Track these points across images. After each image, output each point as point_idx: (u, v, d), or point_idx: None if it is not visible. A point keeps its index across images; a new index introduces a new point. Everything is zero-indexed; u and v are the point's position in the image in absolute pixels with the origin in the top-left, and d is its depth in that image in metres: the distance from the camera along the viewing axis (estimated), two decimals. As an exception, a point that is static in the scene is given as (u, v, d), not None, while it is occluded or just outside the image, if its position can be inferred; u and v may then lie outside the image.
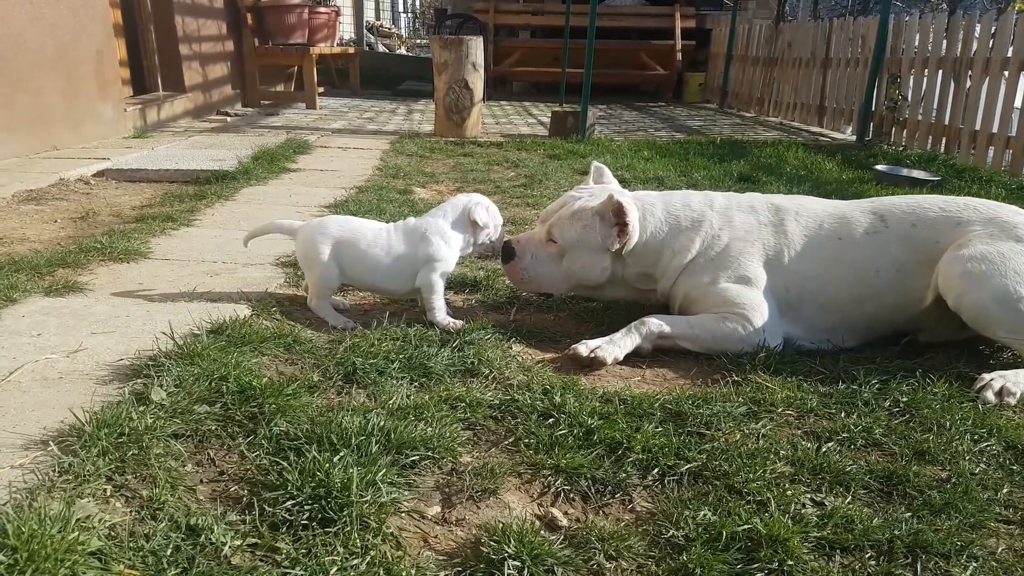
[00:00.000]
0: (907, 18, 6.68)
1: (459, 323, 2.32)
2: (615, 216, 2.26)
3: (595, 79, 6.78)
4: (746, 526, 1.35)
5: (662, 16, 11.36)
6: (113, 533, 1.27)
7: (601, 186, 2.52)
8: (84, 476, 1.39)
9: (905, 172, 5.10)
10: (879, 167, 5.21)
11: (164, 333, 2.04)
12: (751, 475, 1.53)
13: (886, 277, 2.21)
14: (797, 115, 8.48)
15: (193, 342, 1.96)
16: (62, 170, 4.41)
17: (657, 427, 1.72)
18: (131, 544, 1.24)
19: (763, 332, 2.16)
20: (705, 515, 1.40)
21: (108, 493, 1.37)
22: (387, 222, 2.48)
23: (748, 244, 2.27)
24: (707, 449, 1.63)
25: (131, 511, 1.34)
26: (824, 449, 1.65)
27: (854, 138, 7.05)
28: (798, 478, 1.55)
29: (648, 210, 2.35)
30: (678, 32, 11.15)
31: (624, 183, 4.67)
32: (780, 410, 1.84)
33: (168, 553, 1.22)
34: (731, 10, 10.21)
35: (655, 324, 2.19)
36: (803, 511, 1.43)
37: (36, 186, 4.08)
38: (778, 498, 1.45)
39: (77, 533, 1.20)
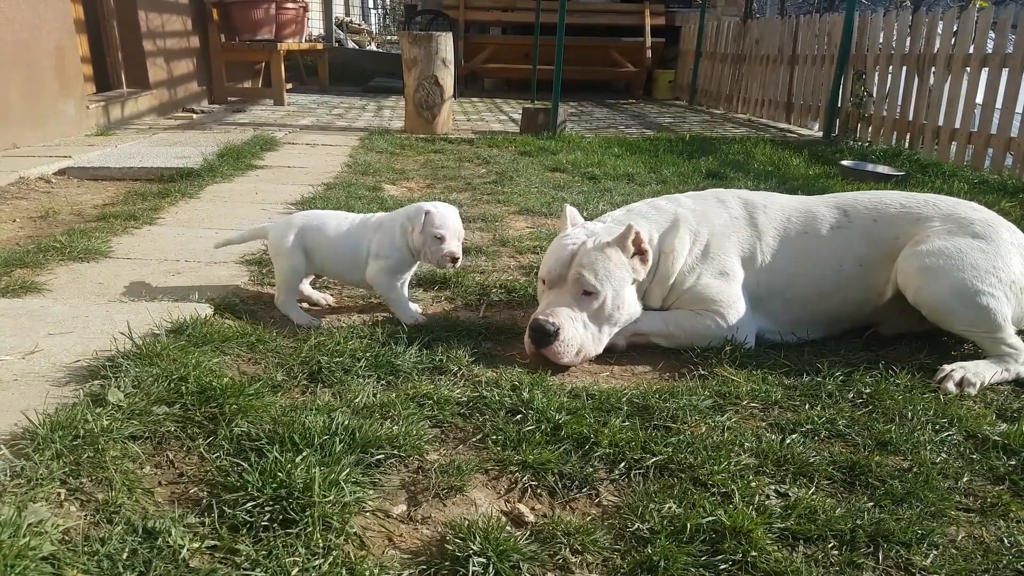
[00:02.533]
0: (872, 15, 6.79)
1: (422, 318, 2.32)
2: (635, 245, 2.14)
3: (566, 76, 6.79)
4: (710, 518, 1.36)
5: (632, 13, 11.41)
6: (67, 537, 1.24)
7: (581, 227, 2.29)
8: (37, 480, 1.35)
9: (870, 167, 5.19)
10: (845, 163, 5.29)
11: (123, 333, 1.99)
12: (716, 467, 1.53)
13: (849, 271, 2.24)
14: (765, 112, 8.58)
15: (152, 342, 1.92)
16: (22, 168, 4.29)
17: (624, 421, 1.72)
18: (85, 548, 1.21)
19: (737, 329, 2.17)
20: (670, 508, 1.40)
21: (62, 497, 1.34)
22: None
23: (725, 239, 2.27)
24: (673, 442, 1.64)
25: (86, 515, 1.31)
26: (788, 441, 1.67)
27: (821, 134, 7.15)
28: (762, 470, 1.56)
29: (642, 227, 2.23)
30: (648, 29, 11.20)
31: (595, 179, 4.70)
32: (745, 403, 1.86)
33: (124, 557, 1.19)
34: (700, 7, 10.29)
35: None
36: (767, 502, 1.44)
37: (-7, 185, 3.98)
38: (742, 490, 1.46)
39: (28, 538, 1.16)
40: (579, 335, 2.05)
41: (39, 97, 5.23)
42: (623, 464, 1.57)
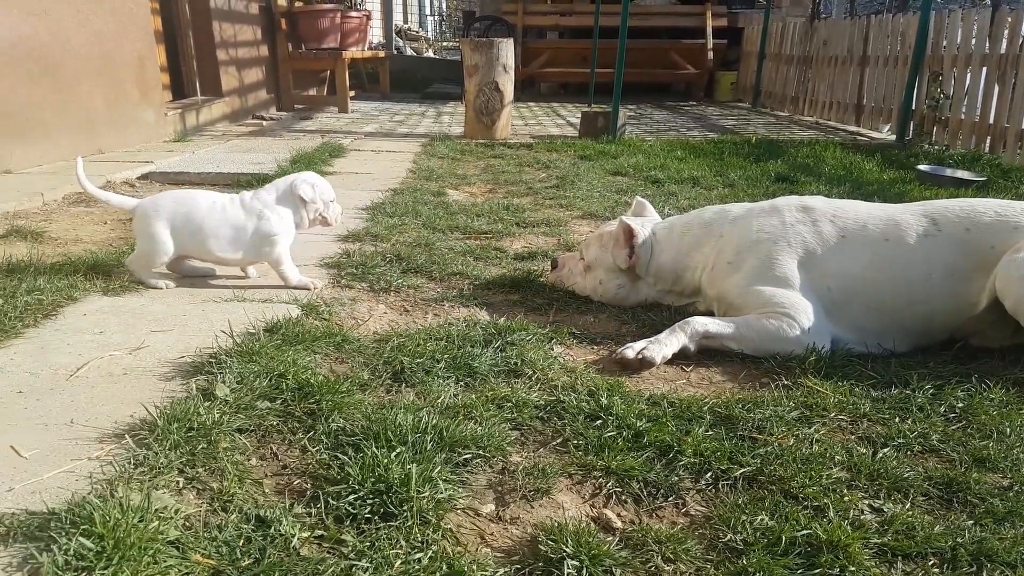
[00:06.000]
0: (949, 14, 6.56)
1: (316, 283, 2.59)
2: (625, 238, 2.51)
3: (625, 78, 6.74)
4: (805, 531, 1.34)
5: (693, 15, 11.30)
6: (188, 524, 1.31)
7: (641, 218, 2.70)
8: (158, 468, 1.43)
9: (949, 172, 5.01)
10: (922, 167, 5.12)
11: (223, 331, 2.09)
12: (807, 480, 1.52)
13: (938, 281, 2.18)
14: (833, 114, 8.37)
15: (250, 341, 2.01)
16: (108, 173, 4.52)
17: (707, 431, 1.71)
18: (205, 534, 1.28)
19: (810, 332, 2.14)
20: (763, 520, 1.39)
21: (181, 485, 1.42)
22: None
23: (773, 245, 2.27)
24: (761, 454, 1.62)
25: (203, 503, 1.38)
26: (880, 455, 1.64)
27: (893, 137, 6.93)
28: (855, 484, 1.54)
29: (663, 233, 2.55)
30: (709, 31, 11.07)
31: (658, 183, 4.67)
32: (832, 415, 1.83)
33: (240, 544, 1.25)
34: (764, 8, 10.11)
35: (700, 324, 2.19)
36: (862, 517, 1.42)
37: (85, 188, 4.19)
38: (836, 504, 1.44)
39: (157, 523, 1.24)
40: (572, 276, 2.70)
41: (121, 105, 5.50)
42: (709, 474, 1.56)
